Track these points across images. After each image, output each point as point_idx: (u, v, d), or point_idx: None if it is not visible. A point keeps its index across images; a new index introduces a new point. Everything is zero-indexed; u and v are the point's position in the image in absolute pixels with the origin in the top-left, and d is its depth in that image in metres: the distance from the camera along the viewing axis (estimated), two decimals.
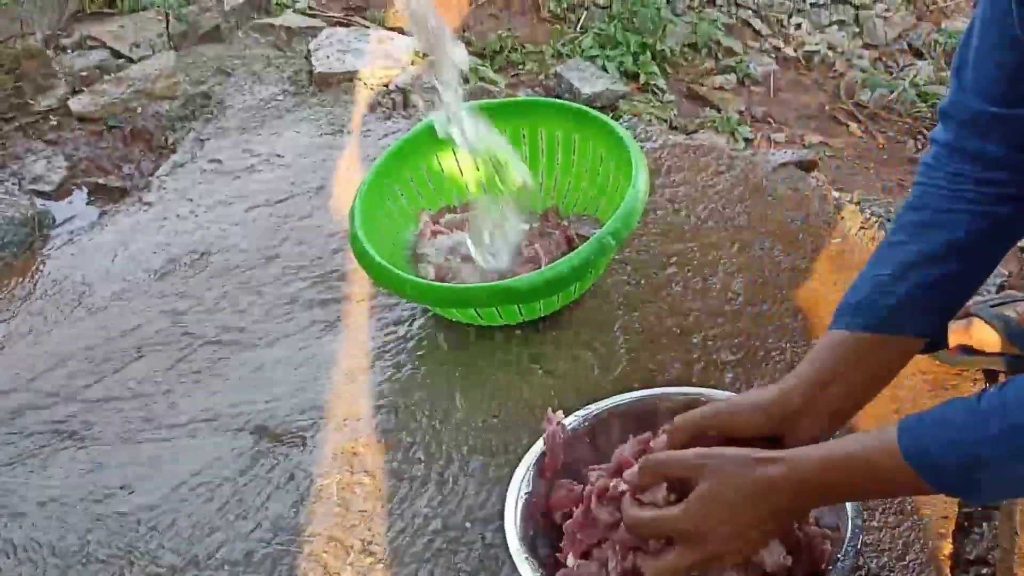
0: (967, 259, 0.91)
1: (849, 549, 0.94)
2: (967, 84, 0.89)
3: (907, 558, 1.09)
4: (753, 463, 0.83)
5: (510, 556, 1.00)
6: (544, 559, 1.03)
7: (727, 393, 1.18)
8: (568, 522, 1.03)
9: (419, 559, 1.14)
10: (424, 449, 1.28)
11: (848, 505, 0.98)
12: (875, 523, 1.13)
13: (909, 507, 1.14)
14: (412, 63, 2.12)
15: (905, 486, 0.80)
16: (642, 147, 1.73)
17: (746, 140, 2.24)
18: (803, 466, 0.82)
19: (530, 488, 1.07)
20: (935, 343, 0.94)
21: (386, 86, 2.05)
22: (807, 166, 1.77)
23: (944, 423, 0.77)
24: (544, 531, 1.06)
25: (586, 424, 1.14)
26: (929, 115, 2.47)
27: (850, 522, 0.97)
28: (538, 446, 1.11)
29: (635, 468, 0.91)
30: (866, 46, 2.95)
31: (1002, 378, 1.29)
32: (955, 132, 0.91)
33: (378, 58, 2.10)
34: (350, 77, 2.08)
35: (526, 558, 0.99)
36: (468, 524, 1.18)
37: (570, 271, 1.30)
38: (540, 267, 1.39)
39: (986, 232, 0.90)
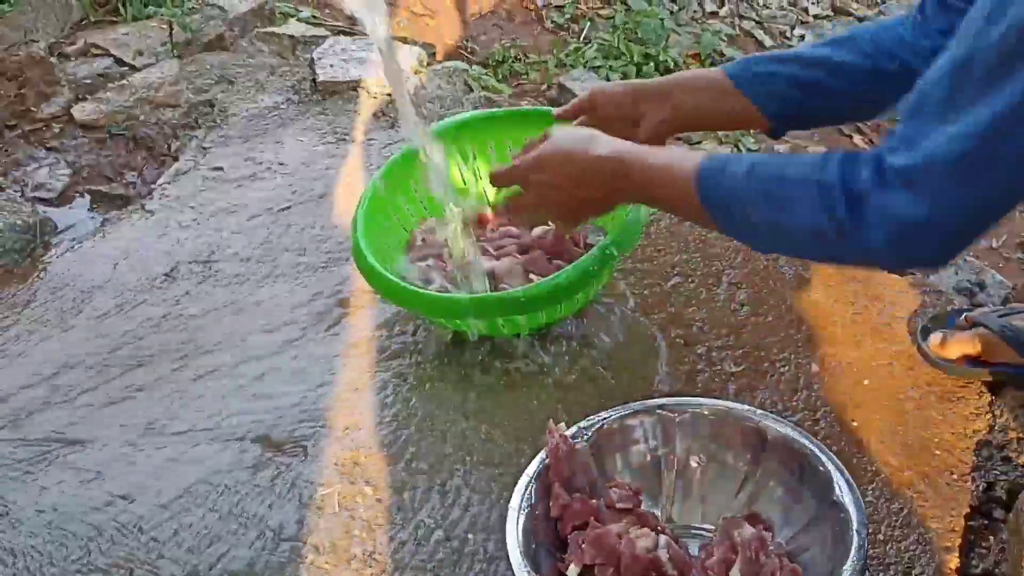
0: (845, 89, 1.11)
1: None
2: None
3: (913, 572, 1.08)
4: (588, 138, 1.04)
5: (512, 569, 0.99)
6: (546, 572, 1.02)
7: (730, 403, 1.18)
8: (574, 533, 1.03)
9: (421, 569, 1.14)
10: (426, 459, 1.27)
11: (854, 519, 0.98)
12: (880, 536, 1.12)
13: (915, 520, 1.13)
14: (415, 72, 2.12)
15: (690, 205, 0.96)
16: None
17: (749, 151, 2.24)
18: (627, 156, 1.00)
19: (532, 501, 1.07)
20: (773, 132, 1.17)
21: (389, 95, 2.05)
22: None
23: (733, 158, 0.94)
24: (546, 544, 1.05)
25: (589, 436, 1.13)
26: None
27: (855, 537, 0.96)
28: (540, 459, 1.10)
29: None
30: None
31: (1009, 388, 1.29)
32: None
33: (381, 67, 2.09)
34: (353, 86, 2.08)
35: (528, 571, 0.99)
36: (471, 535, 1.17)
37: (573, 282, 1.29)
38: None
39: (873, 83, 1.10)
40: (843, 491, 1.02)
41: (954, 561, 1.09)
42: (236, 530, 1.21)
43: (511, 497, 1.07)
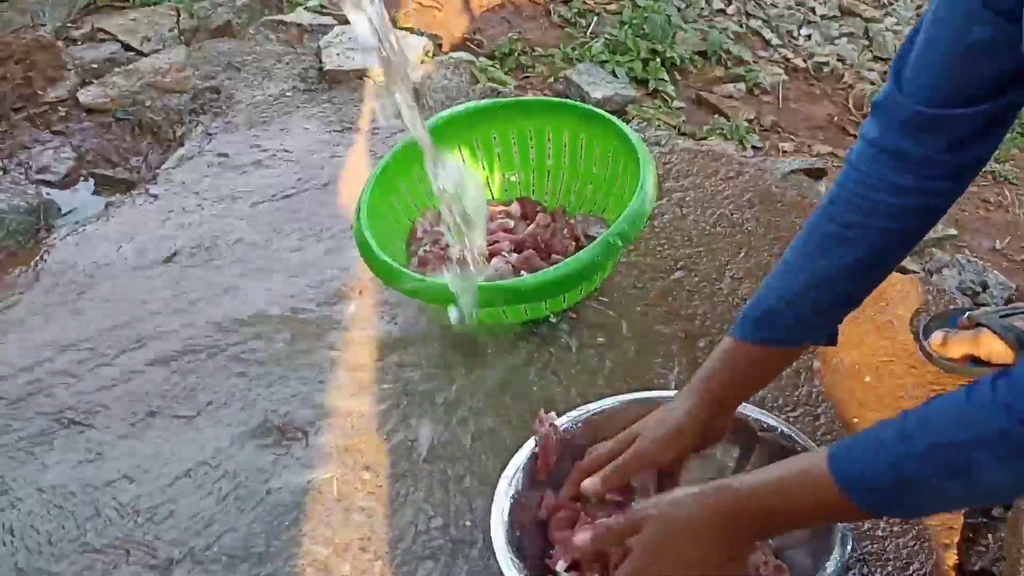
0: (871, 274, 0.96)
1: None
2: (907, 83, 0.87)
3: (911, 568, 1.08)
4: (686, 500, 0.86)
5: (495, 556, 0.99)
6: (532, 561, 1.01)
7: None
8: (563, 532, 1.02)
9: (419, 557, 1.14)
10: (427, 449, 1.27)
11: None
12: (879, 532, 1.12)
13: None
14: (422, 62, 2.12)
15: (837, 510, 0.78)
16: (651, 151, 1.73)
17: (755, 148, 2.23)
18: (730, 497, 0.83)
19: (519, 489, 1.06)
20: (829, 342, 1.02)
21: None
22: (817, 174, 1.76)
23: (871, 446, 0.77)
24: (532, 534, 1.05)
25: (579, 425, 1.13)
26: None
27: (839, 534, 0.96)
28: (527, 448, 1.10)
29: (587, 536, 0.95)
30: (876, 59, 2.94)
31: None
32: (885, 129, 0.89)
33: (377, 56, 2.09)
34: (360, 75, 2.08)
35: (512, 559, 0.98)
36: (470, 523, 1.17)
37: (576, 271, 1.29)
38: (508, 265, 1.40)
39: (892, 247, 0.93)
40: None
41: (952, 558, 1.09)
42: (233, 513, 1.21)
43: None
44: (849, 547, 0.96)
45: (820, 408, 1.29)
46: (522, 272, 1.38)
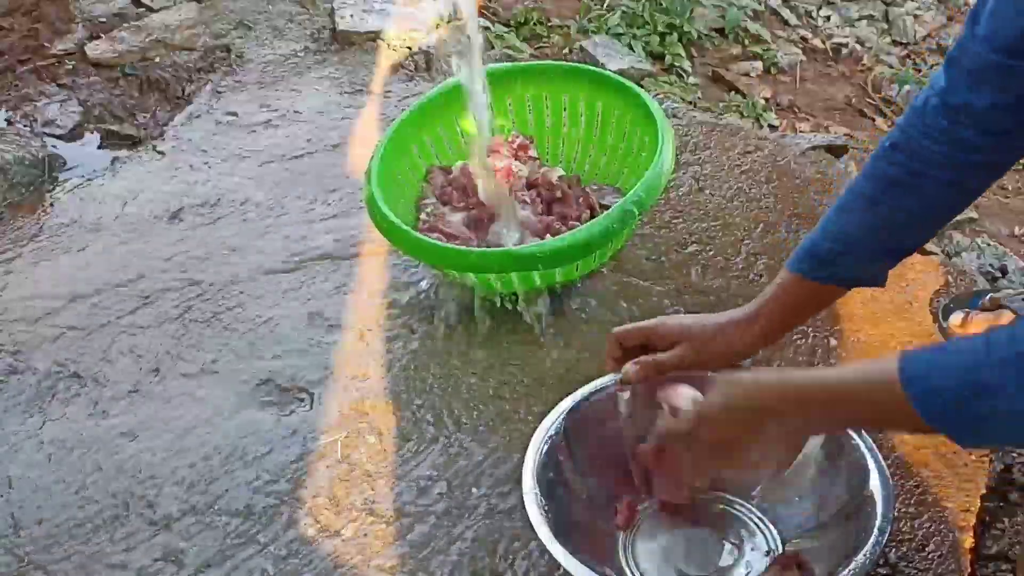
0: (930, 223, 0.99)
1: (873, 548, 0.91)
2: (980, 31, 0.85)
3: (927, 549, 1.06)
4: (735, 380, 0.86)
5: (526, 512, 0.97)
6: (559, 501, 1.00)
7: None
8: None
9: (422, 520, 1.11)
10: (432, 411, 1.25)
11: (878, 516, 0.94)
12: (894, 514, 1.09)
13: (930, 499, 1.11)
14: (437, 26, 2.08)
15: (900, 416, 0.73)
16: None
17: (771, 127, 2.20)
18: (804, 384, 0.82)
19: (559, 430, 1.04)
20: (880, 284, 1.04)
21: (409, 48, 2.01)
22: (837, 151, 1.73)
23: (948, 349, 0.75)
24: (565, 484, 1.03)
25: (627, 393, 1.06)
26: None
27: (879, 519, 0.93)
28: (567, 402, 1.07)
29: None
30: (895, 43, 2.90)
31: None
32: (955, 80, 0.89)
33: (402, 19, 2.06)
34: (373, 37, 2.04)
35: (535, 493, 0.97)
36: (474, 488, 1.15)
37: (592, 238, 1.26)
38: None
39: (953, 198, 0.95)
40: (876, 483, 0.96)
41: (968, 541, 1.06)
42: (236, 472, 1.19)
43: (527, 446, 1.04)
44: (879, 550, 0.92)
45: None
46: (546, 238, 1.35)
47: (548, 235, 1.37)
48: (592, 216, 1.43)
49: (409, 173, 1.49)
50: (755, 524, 1.05)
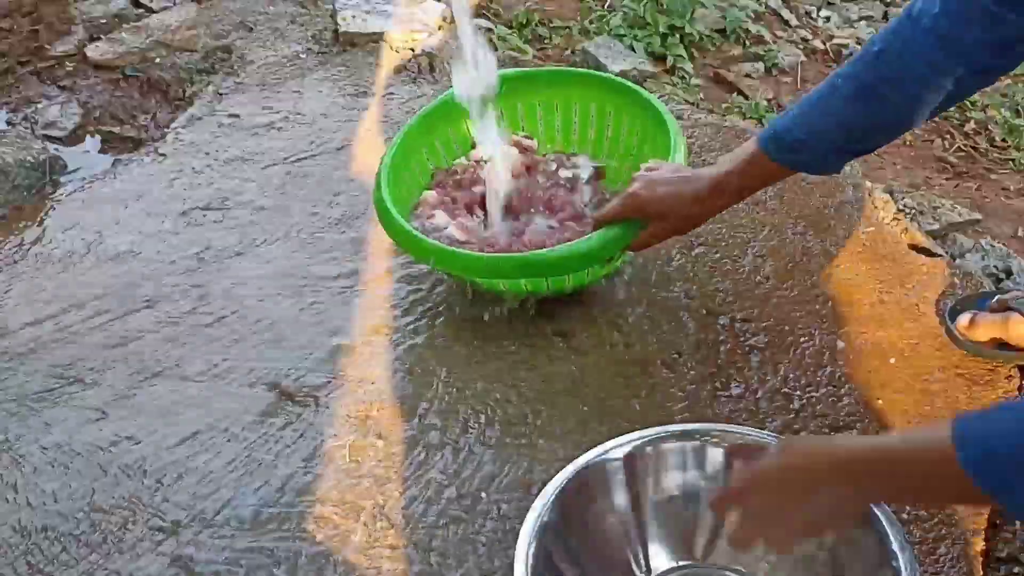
0: (893, 129, 1.10)
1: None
2: None
3: (938, 552, 1.06)
4: (809, 445, 0.85)
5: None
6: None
7: (771, 435, 1.06)
8: None
9: (432, 526, 1.11)
10: (440, 416, 1.24)
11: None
12: (905, 516, 1.09)
13: None
14: (439, 28, 2.08)
15: (955, 484, 0.71)
16: None
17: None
18: (856, 451, 0.79)
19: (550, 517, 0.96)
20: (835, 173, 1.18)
21: (412, 49, 2.00)
22: None
23: (1002, 412, 0.72)
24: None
25: (620, 457, 1.03)
26: (956, 114, 2.43)
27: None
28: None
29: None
30: None
31: None
32: (949, 8, 0.96)
33: (405, 21, 2.05)
34: (376, 39, 2.03)
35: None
36: (483, 494, 1.14)
37: (605, 243, 1.24)
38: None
39: (918, 111, 1.04)
40: (899, 553, 0.90)
41: (979, 544, 1.06)
42: (242, 478, 1.18)
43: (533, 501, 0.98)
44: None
45: (843, 389, 1.26)
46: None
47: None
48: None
49: (419, 177, 1.48)
50: None
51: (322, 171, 1.71)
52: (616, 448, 1.03)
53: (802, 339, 1.34)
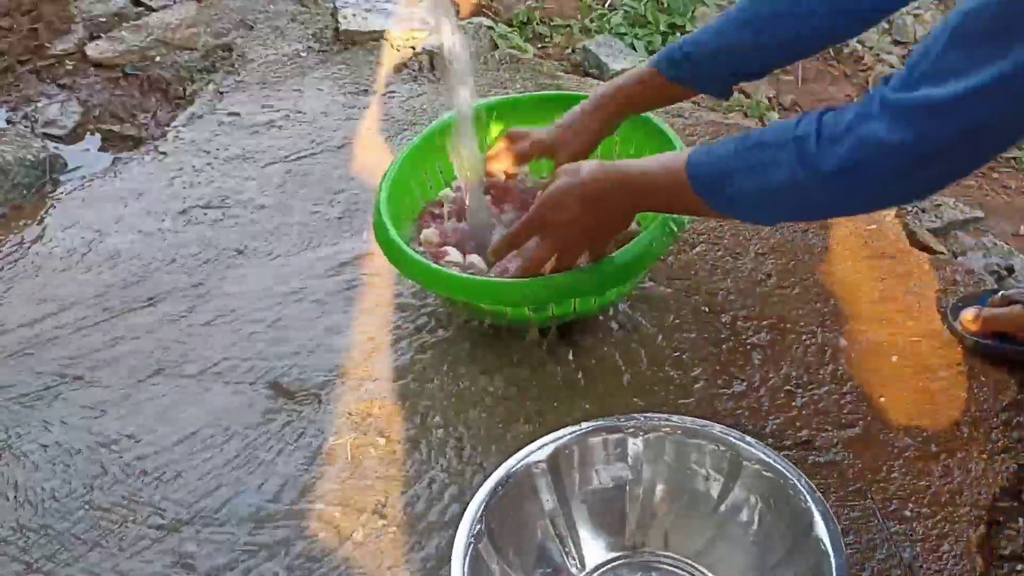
0: (772, 57, 1.16)
1: None
2: None
3: (941, 550, 1.05)
4: (585, 168, 1.07)
5: None
6: None
7: (702, 422, 1.04)
8: None
9: (435, 524, 1.11)
10: (442, 414, 1.24)
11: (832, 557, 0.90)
12: (907, 513, 1.09)
13: (943, 499, 1.11)
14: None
15: (691, 198, 0.97)
16: (674, 122, 1.68)
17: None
18: (626, 169, 1.05)
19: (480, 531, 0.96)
20: (724, 96, 1.22)
21: (413, 48, 2.00)
22: None
23: (721, 142, 0.95)
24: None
25: (546, 455, 1.02)
26: None
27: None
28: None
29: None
30: (895, 43, 2.89)
31: None
32: None
33: (406, 19, 2.05)
34: (377, 37, 2.03)
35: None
36: None
37: (634, 260, 1.17)
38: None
39: (800, 46, 1.15)
40: (821, 527, 0.92)
41: (982, 541, 1.06)
42: (243, 476, 1.18)
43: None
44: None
45: (846, 387, 1.26)
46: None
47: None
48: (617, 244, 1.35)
49: (419, 198, 1.41)
50: None
51: (323, 169, 1.71)
52: (538, 450, 1.02)
53: (804, 337, 1.33)
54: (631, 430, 1.04)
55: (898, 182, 0.84)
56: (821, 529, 0.92)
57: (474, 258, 1.28)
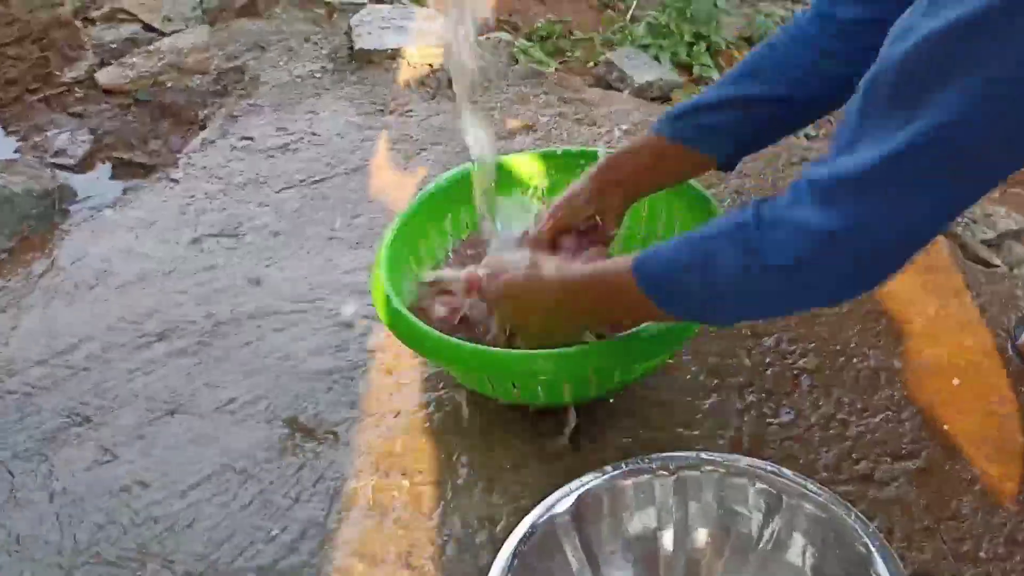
0: (776, 119, 1.05)
1: None
2: None
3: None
4: (530, 269, 1.02)
5: None
6: None
7: (745, 459, 0.94)
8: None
9: (463, 575, 1.02)
10: (469, 452, 1.16)
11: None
12: (982, 554, 1.00)
13: (1020, 537, 1.01)
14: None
15: (633, 297, 0.90)
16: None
17: (807, 136, 2.10)
18: (571, 276, 0.99)
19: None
20: (728, 165, 1.09)
21: (430, 65, 1.94)
22: None
23: (667, 243, 0.90)
24: None
25: (570, 504, 0.93)
26: None
27: None
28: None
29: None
30: None
31: None
32: None
33: (422, 36, 1.99)
34: (392, 55, 1.97)
35: None
36: None
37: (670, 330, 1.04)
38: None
39: (801, 100, 1.02)
40: (883, 571, 0.83)
41: None
42: (259, 523, 1.10)
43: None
44: None
45: (904, 414, 1.17)
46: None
47: None
48: None
49: (424, 257, 1.27)
50: None
51: (340, 193, 1.64)
52: (563, 499, 0.92)
53: (854, 359, 1.25)
54: (663, 472, 0.95)
55: (844, 271, 0.77)
56: (883, 573, 0.84)
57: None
